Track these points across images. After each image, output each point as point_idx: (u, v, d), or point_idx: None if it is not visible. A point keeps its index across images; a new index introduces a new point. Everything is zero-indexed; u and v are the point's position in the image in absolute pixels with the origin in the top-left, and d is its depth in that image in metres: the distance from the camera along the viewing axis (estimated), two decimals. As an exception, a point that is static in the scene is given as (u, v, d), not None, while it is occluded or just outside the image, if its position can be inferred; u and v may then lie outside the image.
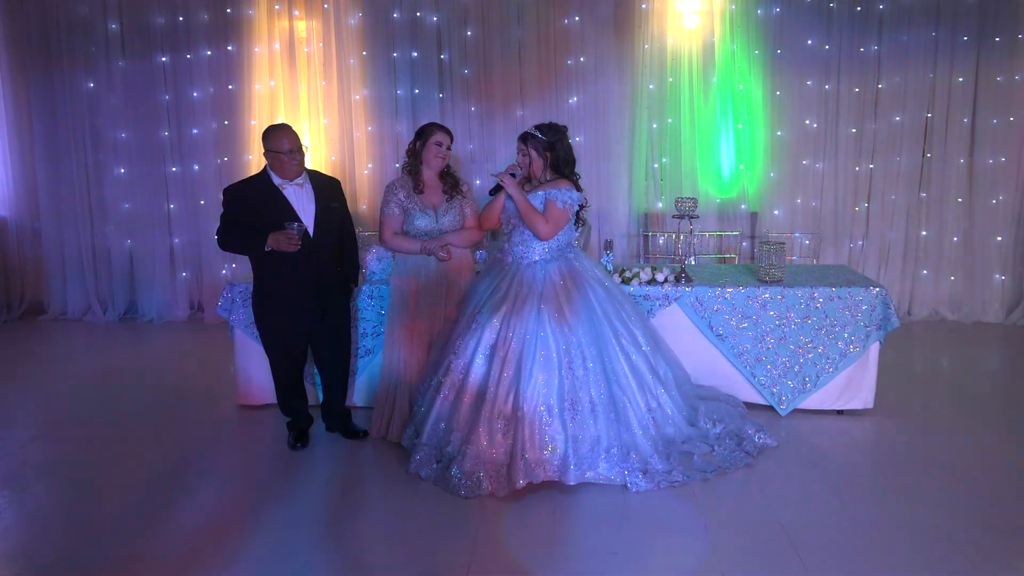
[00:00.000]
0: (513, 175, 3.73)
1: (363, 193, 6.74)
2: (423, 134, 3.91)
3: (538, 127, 3.75)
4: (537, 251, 3.77)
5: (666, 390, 3.80)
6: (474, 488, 3.42)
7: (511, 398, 3.51)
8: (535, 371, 3.50)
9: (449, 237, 3.91)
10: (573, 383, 3.53)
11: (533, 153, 3.75)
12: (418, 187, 3.91)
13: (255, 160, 6.61)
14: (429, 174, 3.94)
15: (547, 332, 3.55)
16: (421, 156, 3.91)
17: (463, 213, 3.98)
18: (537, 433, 3.46)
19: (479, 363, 3.61)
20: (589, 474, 3.48)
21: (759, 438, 3.87)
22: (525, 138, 3.77)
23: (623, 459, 3.51)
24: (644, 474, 3.49)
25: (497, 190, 3.76)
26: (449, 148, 3.92)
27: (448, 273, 3.94)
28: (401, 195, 3.91)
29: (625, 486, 3.45)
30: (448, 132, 3.93)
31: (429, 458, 3.64)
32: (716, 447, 3.77)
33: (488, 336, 3.61)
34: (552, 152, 3.75)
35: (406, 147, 4.00)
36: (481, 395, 3.57)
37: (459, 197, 3.97)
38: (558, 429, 3.48)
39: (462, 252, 4.01)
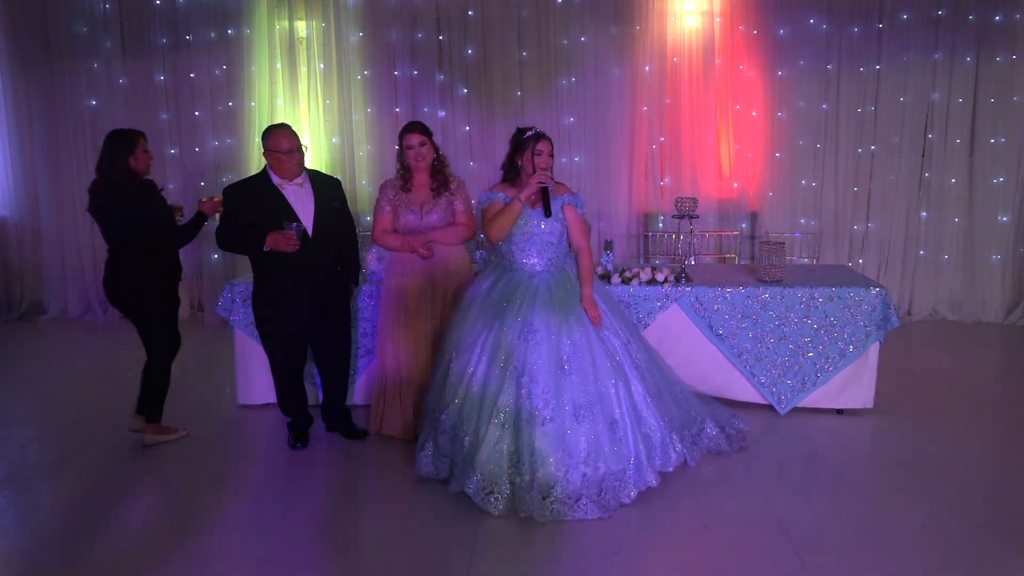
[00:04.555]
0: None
1: (363, 195, 6.73)
2: (400, 137, 3.90)
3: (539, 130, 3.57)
4: (543, 258, 3.55)
5: (657, 408, 3.55)
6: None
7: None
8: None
9: (433, 234, 3.85)
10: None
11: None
12: (406, 185, 3.90)
13: (255, 167, 6.61)
14: (418, 173, 3.92)
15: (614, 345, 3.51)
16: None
17: (452, 209, 3.93)
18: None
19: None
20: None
21: (716, 432, 3.84)
22: (548, 139, 3.50)
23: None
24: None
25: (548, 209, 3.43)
26: (423, 146, 3.83)
27: (435, 270, 3.88)
28: (390, 193, 3.91)
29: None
30: (418, 131, 3.84)
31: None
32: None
33: (566, 346, 3.36)
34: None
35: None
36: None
37: (447, 194, 3.91)
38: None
39: (453, 248, 3.92)
